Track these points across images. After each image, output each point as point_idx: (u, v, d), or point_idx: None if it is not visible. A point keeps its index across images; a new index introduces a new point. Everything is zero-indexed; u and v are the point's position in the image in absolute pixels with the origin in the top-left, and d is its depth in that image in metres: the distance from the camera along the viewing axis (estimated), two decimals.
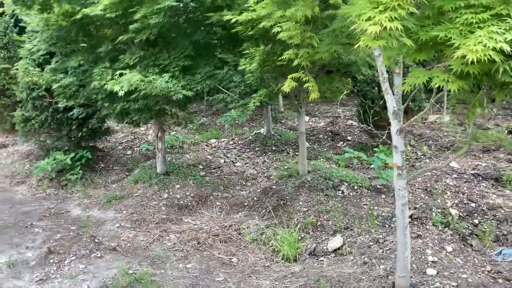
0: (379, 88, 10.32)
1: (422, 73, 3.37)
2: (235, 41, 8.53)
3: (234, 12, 7.07)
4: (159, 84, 7.06)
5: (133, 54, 8.02)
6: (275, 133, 12.96)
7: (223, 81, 7.72)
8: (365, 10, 3.10)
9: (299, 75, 5.17)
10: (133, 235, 7.34)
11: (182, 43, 7.98)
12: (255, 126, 15.12)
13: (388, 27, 2.93)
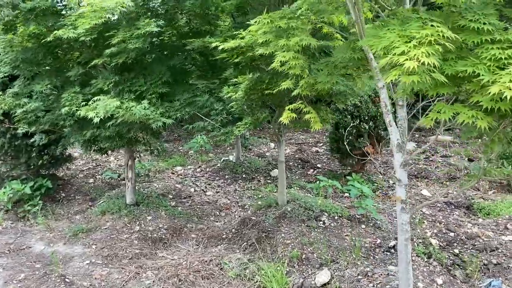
0: (352, 116, 10.37)
1: (447, 108, 3.28)
2: (213, 68, 8.34)
3: (218, 38, 6.88)
4: (138, 111, 6.69)
5: (107, 79, 7.63)
6: (245, 161, 12.74)
7: (203, 108, 7.46)
8: (397, 44, 2.98)
9: (298, 105, 5.01)
10: (107, 273, 6.81)
11: (158, 69, 7.67)
12: (221, 152, 14.85)
13: (426, 62, 2.81)
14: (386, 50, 3.03)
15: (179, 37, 7.99)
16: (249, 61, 6.55)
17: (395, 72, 2.99)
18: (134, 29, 6.92)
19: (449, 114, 3.26)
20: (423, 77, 2.94)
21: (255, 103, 6.69)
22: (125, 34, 6.85)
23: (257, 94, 6.43)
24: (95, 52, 7.86)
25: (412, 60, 2.85)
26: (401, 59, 2.90)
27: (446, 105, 3.32)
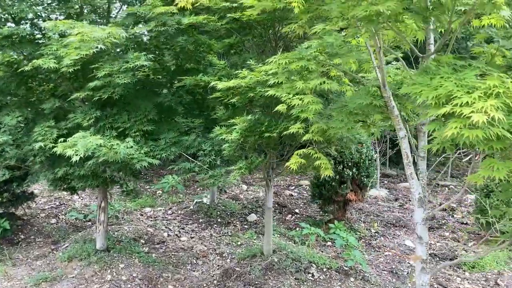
0: (336, 162, 10.13)
1: (501, 165, 2.99)
2: (200, 107, 7.94)
3: (211, 77, 6.54)
4: (122, 150, 6.15)
5: (86, 113, 7.06)
6: (219, 203, 12.19)
7: (190, 148, 6.98)
8: (457, 94, 2.69)
9: (308, 151, 4.65)
10: None
11: (143, 105, 7.19)
12: (191, 193, 14.25)
13: (496, 117, 2.53)
14: (444, 100, 2.73)
15: (166, 74, 7.58)
16: (247, 102, 6.20)
17: (455, 124, 2.69)
18: (122, 62, 6.47)
19: (503, 173, 2.96)
20: (487, 132, 2.65)
21: (250, 146, 6.29)
22: (112, 67, 6.37)
23: (254, 137, 6.05)
24: (75, 84, 7.32)
25: (479, 113, 2.56)
26: (465, 111, 2.60)
27: (499, 162, 3.04)
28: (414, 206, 4.32)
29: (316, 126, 4.52)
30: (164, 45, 7.14)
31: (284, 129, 5.85)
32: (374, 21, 3.16)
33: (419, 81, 3.02)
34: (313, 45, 4.82)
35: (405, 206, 13.92)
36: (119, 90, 6.64)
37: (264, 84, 5.90)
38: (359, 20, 3.25)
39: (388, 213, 12.76)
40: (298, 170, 4.75)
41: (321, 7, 3.92)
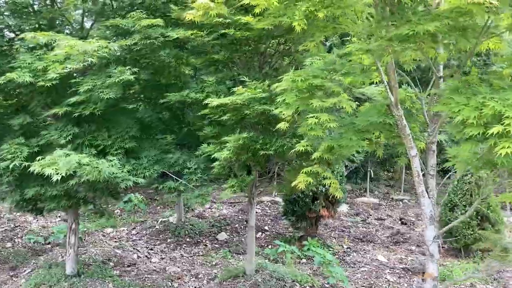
0: None
1: None
2: (180, 123, 7.73)
3: (200, 94, 6.38)
4: (107, 169, 5.82)
5: (62, 130, 6.66)
6: (186, 222, 11.86)
7: (174, 166, 6.75)
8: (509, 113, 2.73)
9: (317, 169, 4.59)
10: None
11: (124, 121, 6.88)
12: (152, 212, 13.82)
13: None
14: (490, 119, 2.76)
15: (144, 88, 7.32)
16: (239, 119, 6.08)
17: (507, 143, 2.72)
18: (105, 76, 6.15)
19: None
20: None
21: (240, 164, 6.15)
22: (95, 81, 6.04)
23: (247, 155, 5.92)
24: (48, 99, 6.90)
25: None
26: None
27: None
28: (425, 224, 4.36)
29: (327, 144, 4.48)
30: (145, 59, 6.89)
31: (280, 147, 5.79)
32: (410, 40, 3.18)
33: (456, 100, 3.05)
34: (316, 63, 4.82)
35: (367, 220, 14.19)
36: (101, 106, 6.31)
37: (260, 101, 5.83)
38: (396, 40, 3.25)
39: (354, 228, 12.93)
40: (306, 188, 4.67)
41: (339, 26, 3.91)
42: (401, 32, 3.06)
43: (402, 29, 3.04)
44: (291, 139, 5.76)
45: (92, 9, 6.75)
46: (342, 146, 4.50)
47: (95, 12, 6.92)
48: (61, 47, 5.24)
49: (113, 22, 6.37)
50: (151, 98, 7.49)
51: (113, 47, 5.54)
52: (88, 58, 5.43)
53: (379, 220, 14.45)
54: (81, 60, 5.41)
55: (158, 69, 7.26)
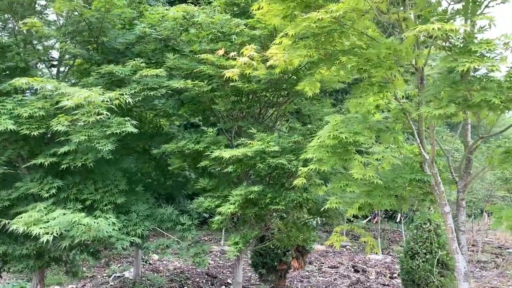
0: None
1: None
2: (165, 175, 7.37)
3: (201, 145, 6.15)
4: (106, 228, 5.34)
5: (41, 182, 6.06)
6: (143, 277, 11.13)
7: (166, 222, 6.35)
8: None
9: (352, 227, 4.52)
10: None
11: (112, 173, 6.42)
12: (102, 266, 12.85)
13: None
14: None
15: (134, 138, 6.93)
16: (245, 171, 5.91)
17: None
18: (100, 127, 5.73)
19: None
20: None
21: (244, 218, 5.93)
22: (91, 132, 5.59)
23: (254, 209, 5.73)
24: (25, 148, 6.29)
25: None
26: None
27: None
28: (459, 280, 4.40)
29: (362, 201, 4.45)
30: (137, 108, 6.56)
31: (290, 201, 5.67)
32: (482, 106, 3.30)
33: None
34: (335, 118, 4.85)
35: (322, 269, 14.21)
36: (92, 157, 5.84)
37: (269, 154, 5.73)
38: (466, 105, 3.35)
39: (312, 278, 12.87)
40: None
41: (389, 87, 3.99)
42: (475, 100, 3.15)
43: (477, 97, 3.14)
44: (301, 193, 5.67)
45: (78, 54, 6.34)
46: (376, 203, 4.50)
47: (82, 57, 6.52)
48: (73, 97, 4.78)
49: (108, 69, 6.02)
50: (135, 148, 7.09)
51: (127, 99, 5.19)
52: (97, 109, 5.03)
53: (333, 268, 14.53)
54: (93, 112, 4.98)
55: (147, 118, 6.95)
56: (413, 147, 4.82)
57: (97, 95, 4.83)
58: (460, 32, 2.95)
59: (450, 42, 3.47)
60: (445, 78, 3.49)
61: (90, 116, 4.92)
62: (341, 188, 4.52)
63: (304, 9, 4.13)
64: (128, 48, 7.06)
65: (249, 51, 4.40)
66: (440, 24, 2.84)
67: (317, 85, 4.66)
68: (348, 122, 4.58)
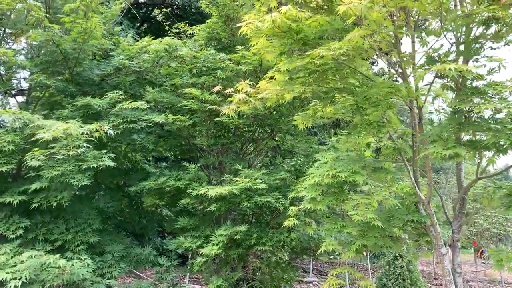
0: None
1: None
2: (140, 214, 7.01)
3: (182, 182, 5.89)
4: (79, 271, 4.94)
5: (7, 222, 5.61)
6: None
7: (144, 263, 6.00)
8: None
9: (348, 270, 4.36)
10: None
11: (85, 211, 6.03)
12: None
13: None
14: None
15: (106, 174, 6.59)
16: (227, 210, 5.68)
17: None
18: (74, 161, 5.37)
19: None
20: None
21: (227, 260, 5.66)
22: (65, 167, 5.24)
23: (238, 250, 5.48)
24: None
25: None
26: None
27: None
28: None
29: (359, 243, 4.30)
30: (113, 142, 6.26)
31: (277, 242, 5.47)
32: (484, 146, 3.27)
33: None
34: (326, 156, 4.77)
35: None
36: (67, 195, 5.46)
37: (255, 191, 5.55)
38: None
39: None
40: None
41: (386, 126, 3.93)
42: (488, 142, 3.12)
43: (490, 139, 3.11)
44: (289, 233, 5.47)
45: (51, 85, 6.00)
46: (370, 246, 4.38)
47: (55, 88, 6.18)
48: (50, 129, 4.45)
49: (85, 101, 5.72)
50: (108, 185, 6.73)
51: (109, 131, 4.91)
52: (76, 143, 4.71)
53: None
54: (73, 145, 4.66)
55: (121, 153, 6.64)
56: (403, 186, 4.77)
57: (76, 127, 4.52)
58: (472, 73, 2.93)
59: (460, 83, 3.47)
60: (451, 118, 3.47)
61: (69, 149, 4.59)
62: (336, 229, 4.38)
63: (302, 47, 4.06)
64: (103, 80, 6.79)
65: (244, 86, 4.26)
66: (456, 65, 2.81)
67: (310, 120, 4.57)
68: (342, 160, 4.48)
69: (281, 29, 3.74)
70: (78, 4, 5.62)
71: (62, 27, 6.07)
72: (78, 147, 4.64)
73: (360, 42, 3.70)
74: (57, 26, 5.77)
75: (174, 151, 6.96)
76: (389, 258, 11.18)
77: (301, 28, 3.78)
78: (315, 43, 4.03)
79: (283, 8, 3.65)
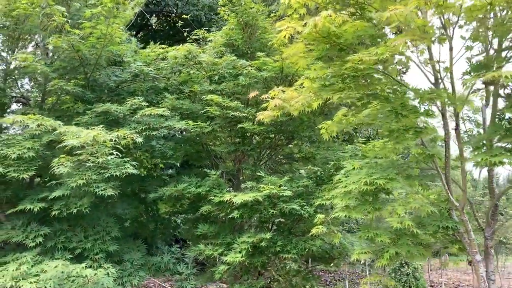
0: None
1: None
2: (155, 219, 6.92)
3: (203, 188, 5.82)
4: (105, 281, 4.85)
5: (24, 230, 5.50)
6: None
7: (162, 271, 5.91)
8: None
9: (380, 278, 4.32)
10: None
11: (103, 219, 5.94)
12: None
13: None
14: None
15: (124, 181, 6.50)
16: (251, 216, 5.63)
17: None
18: (96, 169, 5.29)
19: None
20: None
21: (249, 268, 5.60)
22: (88, 174, 5.15)
23: (262, 257, 5.42)
24: (9, 192, 5.73)
25: None
26: None
27: None
28: None
29: (393, 251, 4.26)
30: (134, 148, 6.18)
31: (301, 250, 5.42)
32: None
33: None
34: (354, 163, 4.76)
35: None
36: (87, 202, 5.36)
37: (278, 198, 5.51)
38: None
39: None
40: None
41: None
42: None
43: None
44: (313, 240, 5.42)
45: (71, 91, 5.92)
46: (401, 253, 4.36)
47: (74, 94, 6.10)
48: (79, 136, 4.37)
49: (105, 107, 5.65)
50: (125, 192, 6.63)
51: (137, 139, 4.84)
52: (105, 150, 4.63)
53: None
54: (101, 152, 4.57)
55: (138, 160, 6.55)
56: (429, 193, 4.75)
57: (104, 134, 4.45)
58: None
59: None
60: (496, 125, 3.47)
61: (97, 157, 4.51)
62: (368, 237, 4.35)
63: (338, 52, 4.06)
64: (119, 87, 6.73)
65: (278, 92, 4.23)
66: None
67: (340, 126, 4.56)
68: (376, 167, 4.46)
69: (321, 34, 3.72)
70: (100, 9, 5.56)
71: (80, 32, 6.01)
72: (106, 154, 4.56)
73: (399, 48, 3.70)
74: (77, 31, 5.70)
75: (190, 158, 6.90)
76: (395, 265, 11.16)
77: (341, 33, 3.77)
78: (352, 48, 4.03)
79: (323, 12, 3.63)
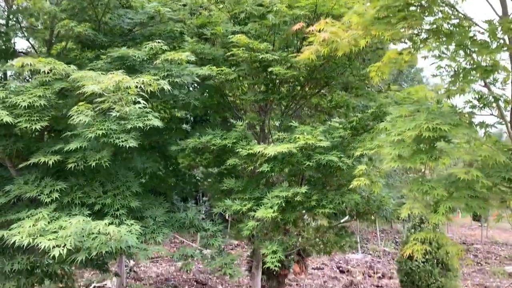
0: None
1: None
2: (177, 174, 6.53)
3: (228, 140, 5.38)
4: (129, 238, 4.49)
5: (38, 184, 5.09)
6: (128, 286, 10.18)
7: (187, 228, 5.56)
8: None
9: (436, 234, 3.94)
10: None
11: (122, 173, 5.53)
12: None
13: None
14: None
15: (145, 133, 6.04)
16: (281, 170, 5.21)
17: None
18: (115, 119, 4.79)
19: None
20: None
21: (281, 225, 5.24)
22: (108, 125, 4.66)
23: (294, 213, 5.05)
24: (20, 144, 5.28)
25: None
26: None
27: None
28: None
29: (448, 205, 3.86)
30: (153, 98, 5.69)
31: (338, 204, 5.04)
32: None
33: None
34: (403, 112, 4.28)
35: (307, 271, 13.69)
36: (107, 155, 4.92)
37: (314, 150, 5.07)
38: None
39: (301, 281, 12.32)
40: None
41: None
42: None
43: None
44: (350, 194, 5.04)
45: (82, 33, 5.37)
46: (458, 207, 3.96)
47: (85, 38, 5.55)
48: (100, 82, 3.88)
49: (122, 52, 5.12)
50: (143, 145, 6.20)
51: (165, 85, 4.34)
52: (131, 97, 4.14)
53: (318, 269, 14.05)
54: (126, 100, 4.07)
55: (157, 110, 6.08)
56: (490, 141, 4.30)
57: (130, 79, 3.96)
58: None
59: None
60: None
61: (122, 105, 4.03)
62: (421, 191, 3.93)
63: None
64: (131, 31, 6.17)
65: (324, 26, 3.69)
66: None
67: (393, 66, 4.06)
68: (432, 113, 3.98)
69: None
70: None
71: None
72: (133, 103, 4.08)
73: None
74: None
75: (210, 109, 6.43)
76: (415, 221, 10.91)
77: None
78: None
79: None
